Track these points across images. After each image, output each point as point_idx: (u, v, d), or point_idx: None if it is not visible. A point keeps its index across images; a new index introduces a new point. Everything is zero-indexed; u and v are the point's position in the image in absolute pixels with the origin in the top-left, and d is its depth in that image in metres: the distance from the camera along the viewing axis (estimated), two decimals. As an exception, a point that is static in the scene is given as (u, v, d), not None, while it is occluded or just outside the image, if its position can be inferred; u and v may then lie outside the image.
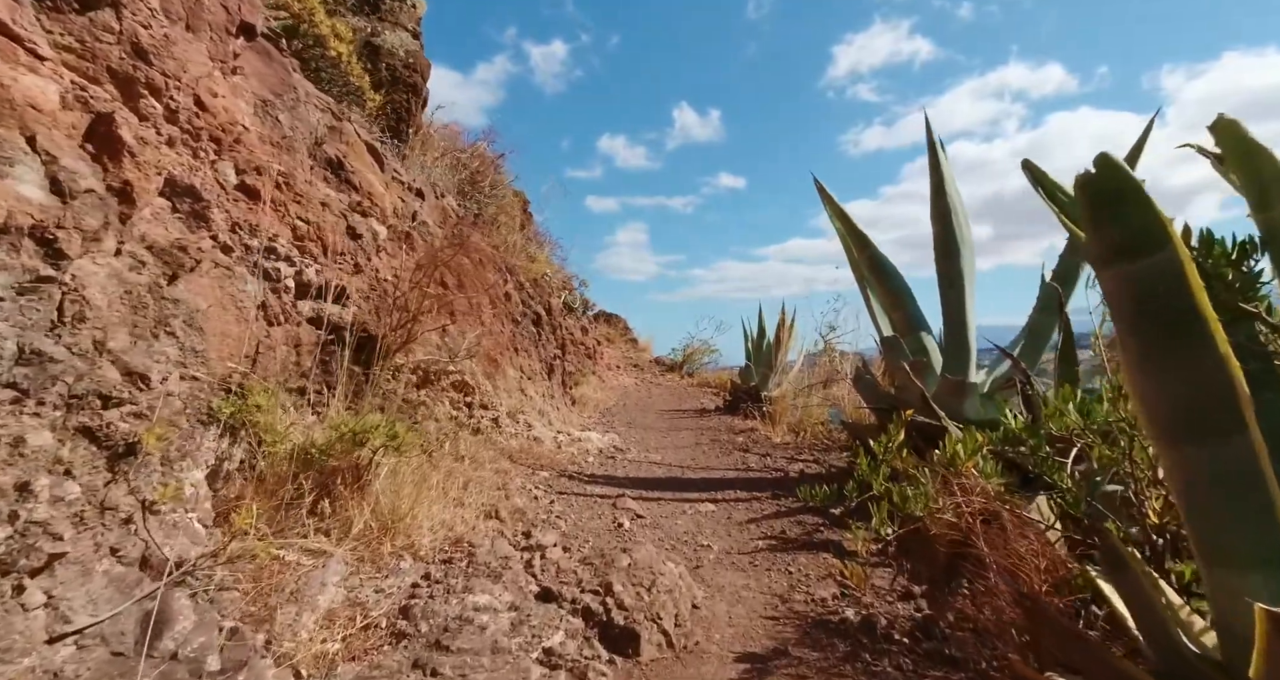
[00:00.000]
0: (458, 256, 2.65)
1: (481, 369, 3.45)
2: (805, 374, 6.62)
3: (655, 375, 12.59)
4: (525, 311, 4.50)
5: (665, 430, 5.56)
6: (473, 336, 3.05)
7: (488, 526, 2.12)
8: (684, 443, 4.87)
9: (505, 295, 4.27)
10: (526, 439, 3.76)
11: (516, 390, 3.91)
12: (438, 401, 2.99)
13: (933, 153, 3.13)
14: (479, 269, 3.73)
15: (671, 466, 3.85)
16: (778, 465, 3.88)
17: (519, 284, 4.61)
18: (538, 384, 4.30)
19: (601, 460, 3.87)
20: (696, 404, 7.97)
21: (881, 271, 3.37)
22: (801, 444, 4.82)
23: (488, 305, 3.79)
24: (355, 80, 4.07)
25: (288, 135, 2.37)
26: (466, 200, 5.28)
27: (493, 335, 3.78)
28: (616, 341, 16.64)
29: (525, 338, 4.35)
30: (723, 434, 5.39)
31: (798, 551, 2.31)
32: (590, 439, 4.38)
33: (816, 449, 4.61)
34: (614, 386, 9.84)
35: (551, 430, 4.24)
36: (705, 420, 6.31)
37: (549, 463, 3.43)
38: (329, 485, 1.67)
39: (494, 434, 3.34)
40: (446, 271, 2.89)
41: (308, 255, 2.22)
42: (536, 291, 5.02)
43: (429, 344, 3.06)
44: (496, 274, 4.13)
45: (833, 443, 4.85)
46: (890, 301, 3.37)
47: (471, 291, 3.47)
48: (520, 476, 2.98)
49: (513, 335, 4.13)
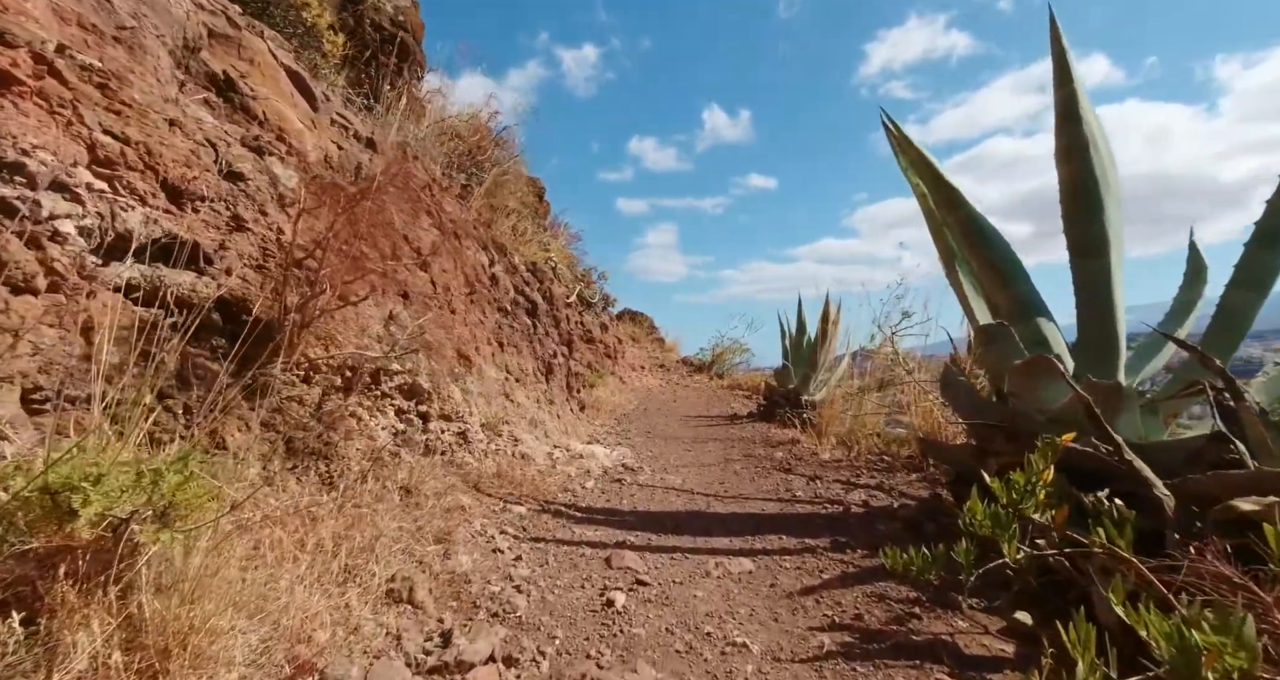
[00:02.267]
0: (382, 212, 1.86)
1: (447, 368, 2.67)
2: (854, 375, 5.67)
3: (682, 376, 11.73)
4: (518, 300, 3.73)
5: (689, 441, 4.71)
6: (416, 324, 2.26)
7: (386, 620, 1.32)
8: (711, 458, 4.02)
9: (491, 278, 3.50)
10: (509, 458, 2.97)
11: (499, 395, 3.13)
12: (377, 412, 2.22)
13: (1060, 63, 2.21)
14: (452, 242, 2.96)
15: (694, 493, 3.01)
16: (832, 493, 3.00)
17: (511, 267, 3.84)
18: (530, 388, 3.51)
19: (604, 485, 3.04)
20: (726, 409, 7.10)
21: (980, 238, 2.46)
22: (856, 461, 3.92)
23: (462, 288, 3.01)
24: (310, 17, 3.35)
25: (128, 25, 1.62)
26: (458, 173, 4.54)
27: (468, 326, 3.00)
28: (642, 340, 15.88)
29: (517, 332, 3.58)
30: (758, 447, 4.52)
31: (890, 661, 1.44)
32: (595, 455, 3.57)
33: (876, 469, 3.70)
34: (636, 388, 9.03)
35: (545, 444, 3.43)
36: (737, 429, 5.44)
37: (532, 491, 2.63)
38: (36, 585, 0.90)
39: (461, 453, 2.55)
40: (386, 236, 2.11)
41: (128, 193, 1.47)
42: (534, 278, 4.25)
43: (369, 334, 2.29)
44: (479, 251, 3.35)
45: (895, 459, 3.94)
46: (993, 277, 2.46)
47: (440, 269, 2.69)
48: (483, 516, 2.18)
49: (497, 327, 3.35)
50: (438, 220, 2.97)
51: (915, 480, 3.35)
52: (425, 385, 2.36)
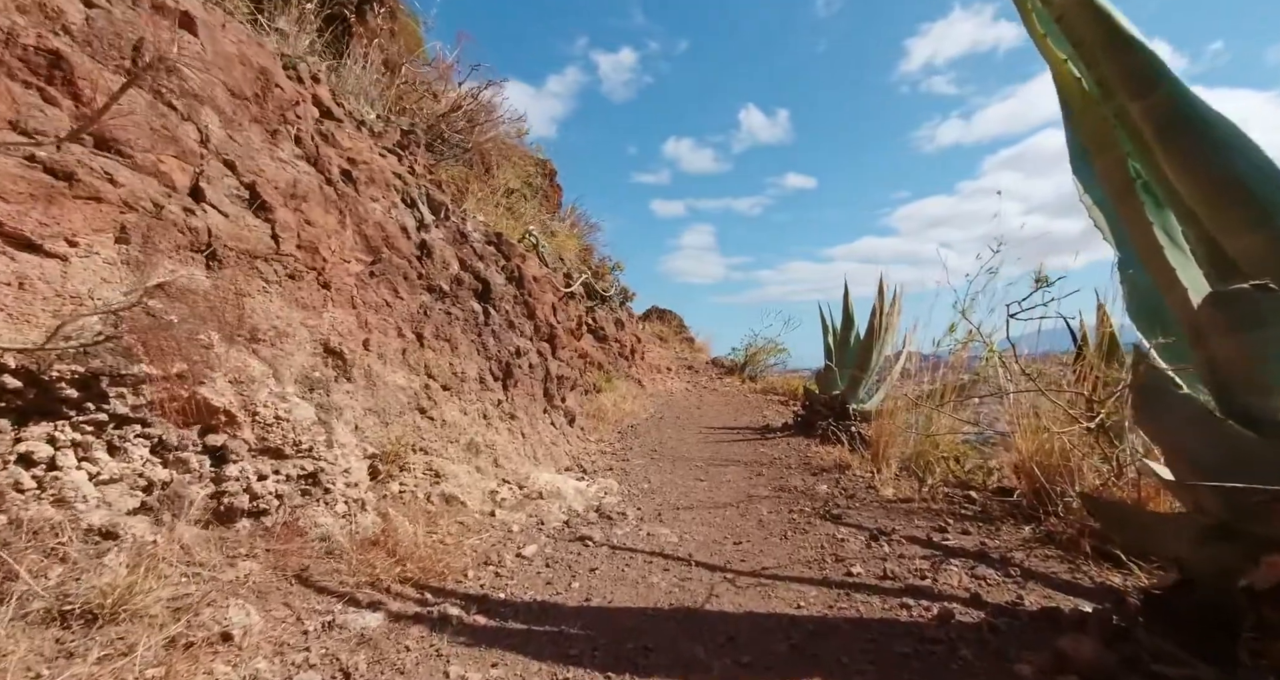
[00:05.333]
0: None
1: (296, 371, 1.70)
2: (916, 378, 4.48)
3: (711, 379, 10.62)
4: (462, 278, 2.74)
5: (704, 465, 3.65)
6: (156, 291, 1.29)
7: None
8: (728, 493, 2.95)
9: (421, 248, 2.52)
10: (419, 505, 1.99)
11: (409, 410, 2.15)
12: (96, 452, 1.26)
13: None
14: (342, 188, 1.99)
15: (692, 564, 1.96)
16: (912, 570, 1.91)
17: (456, 236, 2.86)
18: (470, 398, 2.52)
19: (556, 549, 2.02)
20: (757, 418, 5.99)
21: (1201, 139, 1.33)
22: (933, 501, 2.80)
23: (353, 254, 2.05)
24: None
25: None
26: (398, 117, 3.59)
27: (357, 308, 2.03)
28: (670, 340, 14.88)
29: (457, 321, 2.60)
30: (794, 474, 3.43)
31: None
32: (562, 492, 2.55)
33: (966, 515, 2.58)
34: (655, 393, 8.01)
35: (489, 479, 2.44)
36: (768, 446, 4.35)
37: (423, 570, 1.63)
38: None
39: (308, 510, 1.58)
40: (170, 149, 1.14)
41: None
42: (498, 252, 3.26)
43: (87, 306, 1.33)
44: (401, 208, 2.38)
45: (985, 495, 2.82)
46: (1233, 207, 1.33)
47: (303, 220, 1.73)
48: (271, 646, 1.18)
49: (420, 313, 2.37)
50: (313, 154, 2.02)
51: (1032, 540, 2.22)
52: (223, 401, 1.40)
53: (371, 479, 1.92)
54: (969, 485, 3.42)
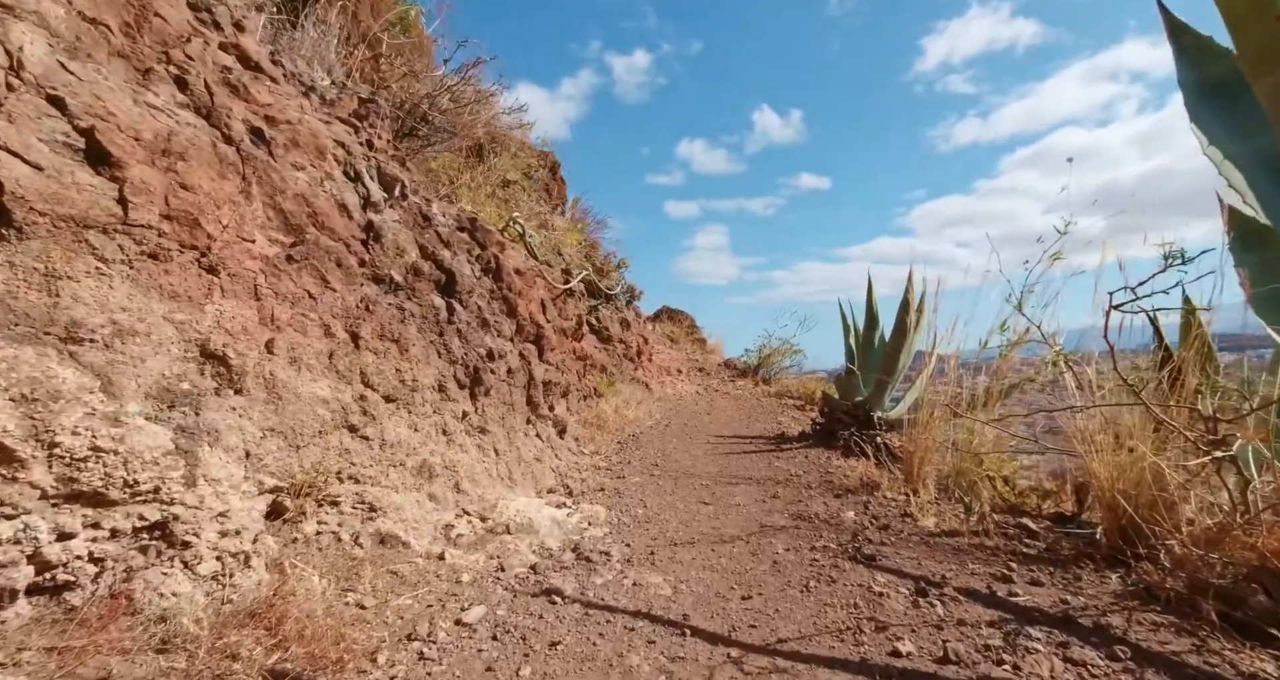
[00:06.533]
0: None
1: (149, 386, 1.28)
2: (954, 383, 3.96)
3: (723, 381, 10.12)
4: (420, 268, 2.30)
5: (710, 484, 3.19)
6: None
7: None
8: (737, 522, 2.49)
9: (367, 230, 2.10)
10: (342, 550, 1.56)
11: (334, 428, 1.72)
12: None
13: None
14: (250, 147, 1.57)
15: (685, 632, 1.50)
16: (982, 647, 1.43)
17: (417, 218, 2.42)
18: (421, 412, 2.08)
19: (515, 609, 1.57)
20: (772, 425, 5.51)
21: None
22: (985, 534, 2.31)
23: (265, 232, 1.62)
24: None
25: None
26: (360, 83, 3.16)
27: (261, 300, 1.60)
28: (680, 341, 14.40)
29: (411, 319, 2.16)
30: (815, 495, 2.95)
31: None
32: (535, 525, 2.11)
33: (1036, 558, 2.09)
34: (663, 396, 7.54)
35: (446, 511, 2.01)
36: (784, 459, 3.87)
37: (312, 655, 1.19)
38: None
39: (132, 578, 1.14)
40: None
41: None
42: (471, 238, 2.80)
43: None
44: (340, 184, 1.96)
45: (1054, 534, 2.34)
46: None
47: (173, 183, 1.30)
48: None
49: (360, 308, 1.94)
50: (205, 103, 1.60)
51: (1127, 596, 1.73)
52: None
53: (272, 519, 1.49)
54: (1021, 510, 2.92)
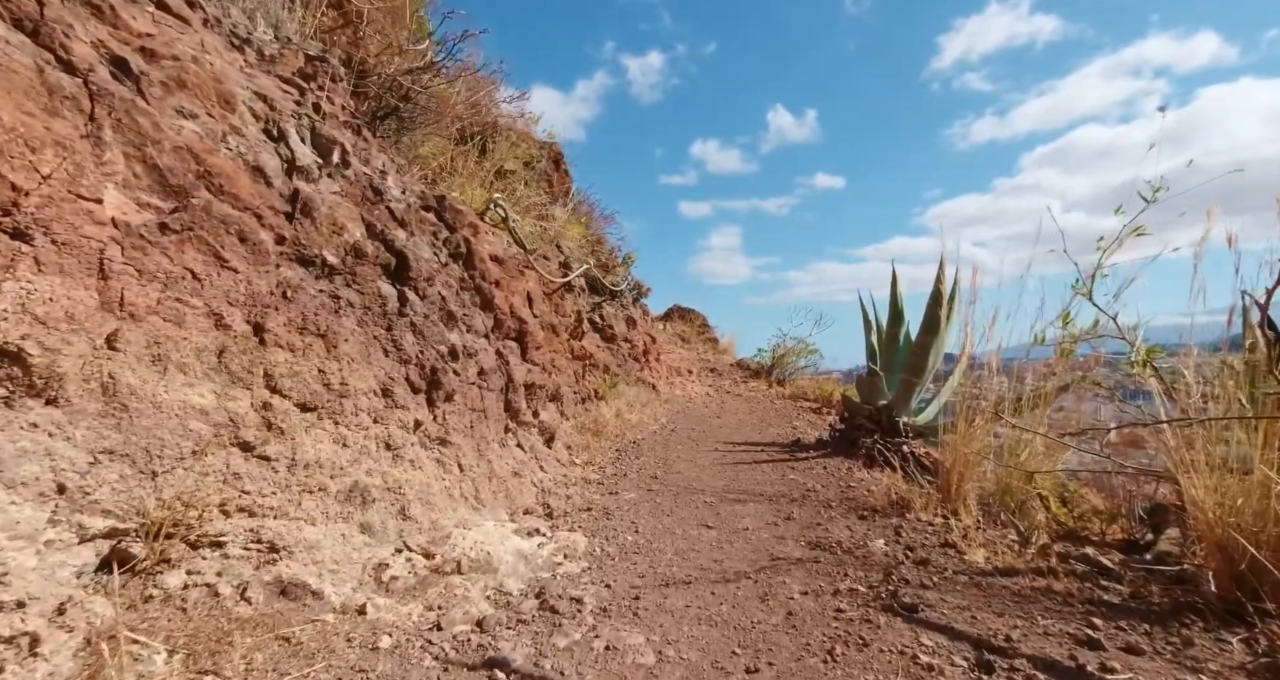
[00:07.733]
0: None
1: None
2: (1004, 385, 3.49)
3: (735, 382, 9.68)
4: (364, 250, 1.92)
5: (715, 501, 2.78)
6: None
7: None
8: (743, 553, 2.08)
9: (294, 202, 1.73)
10: (216, 613, 1.18)
11: (222, 445, 1.35)
12: None
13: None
14: (120, 85, 1.20)
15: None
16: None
17: (365, 193, 2.04)
18: (354, 423, 1.70)
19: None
20: (786, 430, 5.08)
21: None
22: (1054, 578, 1.88)
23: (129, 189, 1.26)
24: None
25: None
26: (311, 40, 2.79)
27: (108, 279, 1.23)
28: (692, 340, 13.98)
29: (349, 309, 1.78)
30: (836, 516, 2.53)
31: None
32: (497, 561, 1.73)
33: (1120, 608, 1.67)
34: (671, 398, 7.14)
35: (382, 545, 1.64)
36: (798, 470, 3.45)
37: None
38: None
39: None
40: None
41: None
42: (438, 219, 2.42)
43: None
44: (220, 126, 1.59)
45: (1133, 571, 1.92)
46: None
47: None
48: None
49: (276, 295, 1.57)
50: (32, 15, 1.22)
51: (1259, 670, 1.30)
52: None
53: (110, 573, 1.12)
54: (1081, 536, 2.48)
